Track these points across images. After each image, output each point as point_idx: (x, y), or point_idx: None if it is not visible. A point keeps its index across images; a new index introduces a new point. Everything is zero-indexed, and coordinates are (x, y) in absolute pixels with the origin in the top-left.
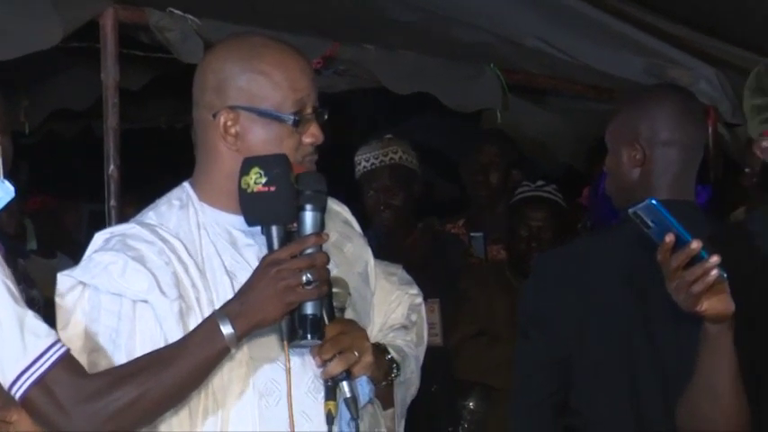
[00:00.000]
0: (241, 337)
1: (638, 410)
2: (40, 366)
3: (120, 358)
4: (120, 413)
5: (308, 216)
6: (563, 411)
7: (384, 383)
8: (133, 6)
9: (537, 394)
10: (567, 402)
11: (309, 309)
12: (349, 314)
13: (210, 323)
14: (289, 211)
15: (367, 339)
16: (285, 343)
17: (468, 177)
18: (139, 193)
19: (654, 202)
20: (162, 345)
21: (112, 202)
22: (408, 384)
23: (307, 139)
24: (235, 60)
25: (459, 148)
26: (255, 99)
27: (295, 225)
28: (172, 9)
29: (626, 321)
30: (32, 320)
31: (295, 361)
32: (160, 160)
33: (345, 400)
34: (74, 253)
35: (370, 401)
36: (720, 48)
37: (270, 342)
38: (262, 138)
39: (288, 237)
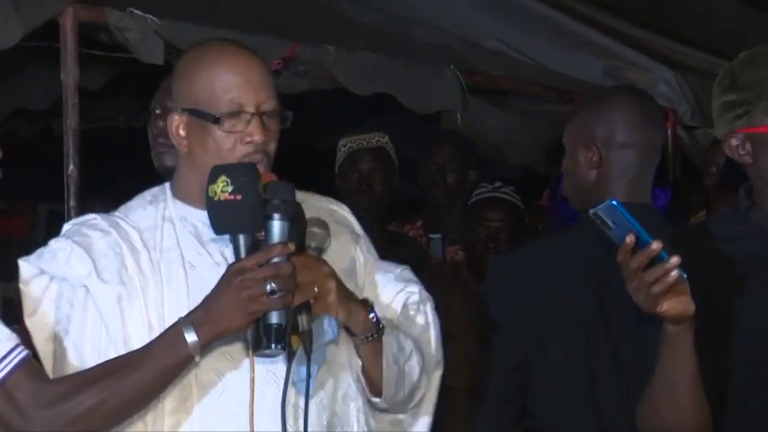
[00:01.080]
0: (205, 345)
1: (597, 412)
2: (1, 370)
3: (69, 345)
4: (81, 418)
5: (276, 225)
6: (523, 415)
7: (362, 339)
8: (93, 6)
9: (497, 398)
10: (526, 406)
11: (274, 318)
12: None
13: (175, 330)
14: (255, 220)
15: (333, 279)
16: (250, 352)
17: (425, 178)
18: (104, 193)
19: (614, 203)
20: (102, 331)
21: (72, 202)
22: (406, 360)
23: (245, 139)
24: (185, 64)
25: (419, 149)
26: (192, 100)
27: (263, 234)
28: (132, 9)
29: (586, 323)
30: None
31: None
32: (120, 160)
33: (301, 332)
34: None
35: (333, 341)
36: (680, 50)
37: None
38: (198, 139)
39: (255, 246)
